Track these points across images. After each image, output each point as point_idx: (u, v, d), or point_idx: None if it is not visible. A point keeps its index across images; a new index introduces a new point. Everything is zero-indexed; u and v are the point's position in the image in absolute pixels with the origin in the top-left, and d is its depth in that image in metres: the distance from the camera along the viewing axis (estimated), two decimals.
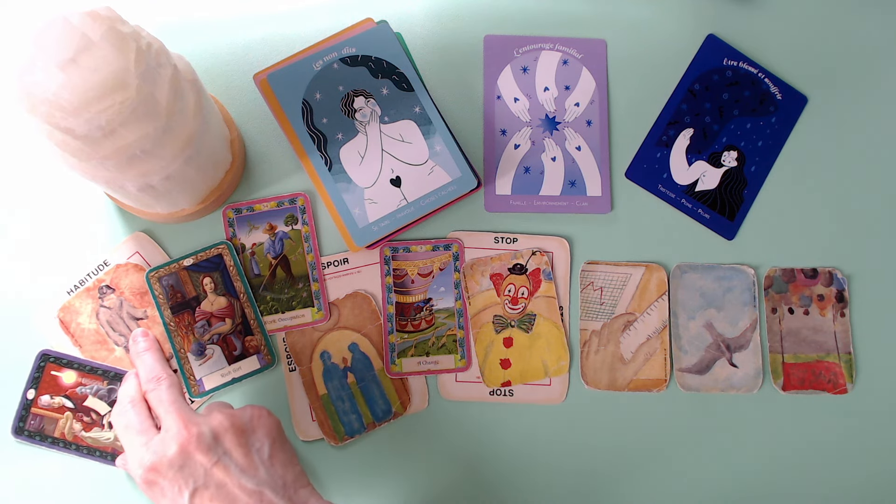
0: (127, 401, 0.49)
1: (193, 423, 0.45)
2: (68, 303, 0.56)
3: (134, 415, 0.48)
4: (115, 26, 0.41)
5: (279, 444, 0.47)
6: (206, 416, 0.46)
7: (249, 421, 0.47)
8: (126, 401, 0.49)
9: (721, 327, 0.60)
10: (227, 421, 0.46)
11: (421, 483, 0.57)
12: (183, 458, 0.44)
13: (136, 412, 0.48)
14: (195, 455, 0.44)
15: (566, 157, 0.61)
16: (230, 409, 0.47)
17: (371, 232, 0.57)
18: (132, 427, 0.47)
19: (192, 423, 0.45)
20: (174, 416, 0.46)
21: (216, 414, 0.46)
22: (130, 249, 0.57)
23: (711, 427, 0.59)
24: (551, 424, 0.58)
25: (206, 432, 0.45)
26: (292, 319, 0.57)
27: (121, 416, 0.48)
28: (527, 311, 0.59)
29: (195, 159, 0.49)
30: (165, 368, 0.51)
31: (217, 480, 0.44)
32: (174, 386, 0.49)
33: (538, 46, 0.62)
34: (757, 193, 0.62)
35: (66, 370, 0.55)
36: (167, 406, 0.47)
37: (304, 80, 0.57)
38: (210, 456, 0.44)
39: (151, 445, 0.45)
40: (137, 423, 0.47)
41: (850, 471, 0.59)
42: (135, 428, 0.47)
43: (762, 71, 0.63)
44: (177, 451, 0.44)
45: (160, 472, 0.44)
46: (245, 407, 0.48)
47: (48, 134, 0.42)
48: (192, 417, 0.46)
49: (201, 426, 0.45)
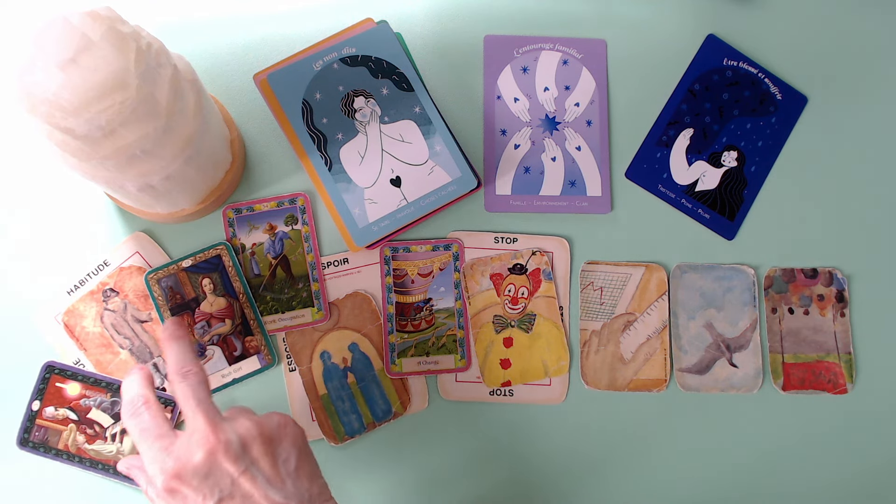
0: (141, 402, 0.45)
1: (221, 428, 0.42)
2: (72, 306, 0.56)
3: (150, 417, 0.44)
4: (115, 26, 0.41)
5: (305, 455, 0.45)
6: (232, 420, 0.44)
7: (276, 430, 0.44)
8: (139, 402, 0.45)
9: (721, 327, 0.60)
10: (255, 429, 0.43)
11: (421, 483, 0.57)
12: (209, 466, 0.41)
13: (151, 414, 0.44)
14: (222, 463, 0.41)
15: (566, 157, 0.61)
16: (256, 416, 0.45)
17: (371, 232, 0.57)
18: (149, 431, 0.43)
19: (220, 429, 0.42)
20: (202, 419, 0.43)
21: (243, 420, 0.43)
22: (130, 249, 0.57)
23: (712, 427, 0.59)
24: (551, 424, 0.58)
25: (233, 440, 0.42)
26: (292, 319, 0.57)
27: (135, 418, 0.44)
28: (527, 311, 0.59)
29: (195, 159, 0.49)
30: (196, 361, 0.47)
31: (243, 491, 0.41)
32: (203, 383, 0.45)
33: (538, 46, 0.62)
34: (757, 193, 0.62)
35: (70, 382, 0.55)
36: (194, 405, 0.44)
37: (304, 80, 0.57)
38: (238, 465, 0.41)
39: (174, 450, 0.42)
40: (155, 427, 0.44)
41: (851, 471, 0.59)
42: (152, 432, 0.43)
43: (762, 71, 0.63)
44: (203, 458, 0.41)
45: (184, 480, 0.41)
46: (271, 414, 0.45)
47: (48, 134, 0.42)
48: (220, 421, 0.43)
49: (229, 432, 0.42)
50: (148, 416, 0.44)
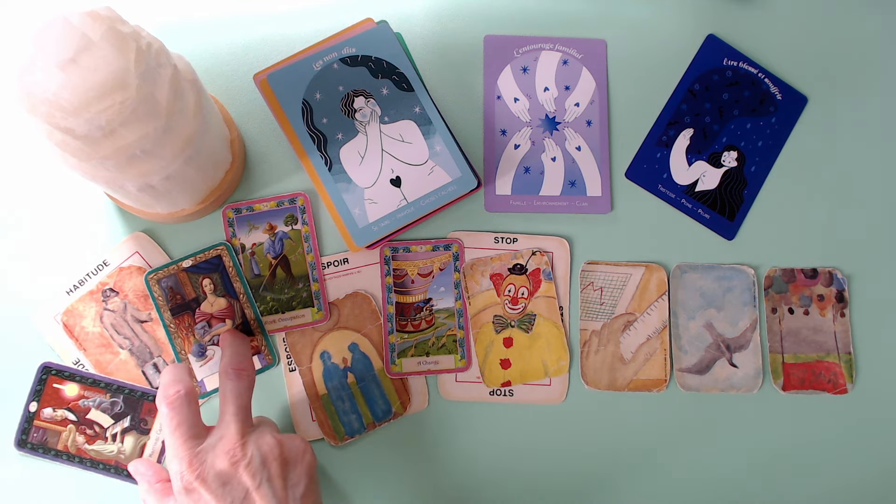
0: (183, 391, 0.47)
1: (248, 441, 0.45)
2: (72, 306, 0.56)
3: (189, 414, 0.46)
4: (115, 26, 0.41)
5: (313, 484, 0.47)
6: (258, 433, 0.46)
7: (295, 454, 0.47)
8: (181, 390, 0.47)
9: (721, 327, 0.60)
10: (276, 449, 0.46)
11: (421, 483, 0.57)
12: (230, 475, 0.44)
13: (191, 411, 0.46)
14: (242, 475, 0.44)
15: (566, 157, 0.61)
16: (280, 434, 0.47)
17: (371, 232, 0.57)
18: (184, 426, 0.45)
19: (247, 442, 0.45)
20: (234, 428, 0.46)
21: (268, 437, 0.46)
22: (130, 249, 0.57)
23: (711, 427, 0.59)
24: (551, 424, 0.58)
25: (256, 456, 0.45)
26: (292, 319, 0.57)
27: (173, 409, 0.46)
28: (527, 311, 0.59)
29: (195, 159, 0.49)
30: (252, 365, 0.50)
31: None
32: (251, 388, 0.48)
33: (538, 46, 0.62)
34: (757, 193, 0.62)
35: (68, 383, 0.55)
36: (234, 410, 0.47)
37: (304, 80, 0.57)
38: (254, 480, 0.44)
39: (202, 454, 0.45)
40: (192, 426, 0.46)
41: (851, 471, 0.59)
42: (188, 430, 0.46)
43: (762, 71, 0.63)
44: (227, 467, 0.44)
45: (205, 483, 0.44)
46: (293, 437, 0.48)
47: (48, 134, 0.42)
48: (249, 433, 0.46)
49: (253, 448, 0.45)
50: (188, 411, 0.46)
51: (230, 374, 0.48)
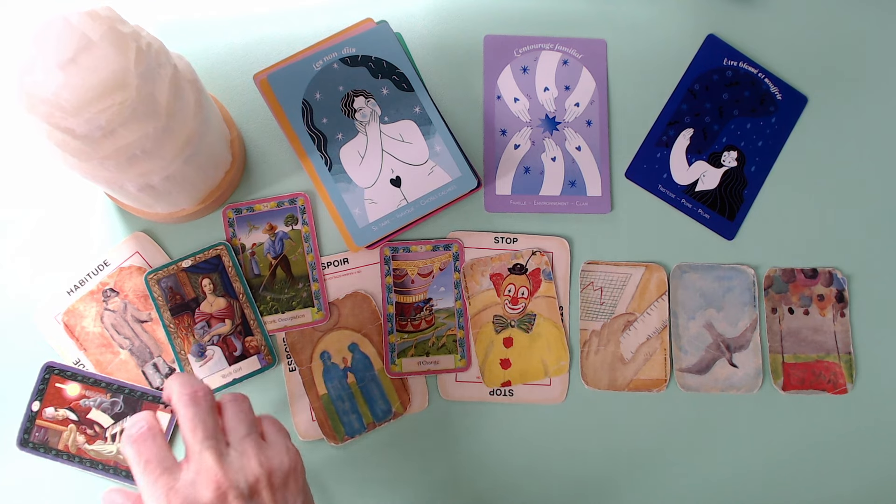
0: (145, 427, 0.43)
1: (230, 467, 0.41)
2: (72, 306, 0.56)
3: (155, 447, 0.42)
4: (115, 26, 0.41)
5: (305, 496, 0.44)
6: (239, 459, 0.42)
7: (283, 475, 0.43)
8: (143, 426, 0.43)
9: (721, 327, 0.60)
10: (262, 472, 0.42)
11: (421, 483, 0.57)
12: None
13: (157, 444, 0.42)
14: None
15: (566, 157, 0.61)
16: (264, 452, 0.43)
17: (371, 232, 0.57)
18: (153, 463, 0.41)
19: (229, 469, 0.41)
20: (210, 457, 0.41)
21: (254, 463, 0.42)
22: (130, 249, 0.57)
23: (711, 427, 0.59)
24: (551, 424, 0.58)
25: (242, 483, 0.41)
26: (292, 319, 0.57)
27: (137, 445, 0.42)
28: (527, 311, 0.59)
29: (195, 159, 0.49)
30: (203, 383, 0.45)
31: None
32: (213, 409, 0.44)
33: (538, 46, 0.62)
34: (757, 193, 0.62)
35: (70, 382, 0.55)
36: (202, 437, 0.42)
37: (304, 80, 0.57)
38: None
39: (180, 489, 0.40)
40: (161, 459, 0.41)
41: (851, 471, 0.59)
42: (157, 464, 0.41)
43: (762, 71, 0.63)
44: (212, 499, 0.40)
45: None
46: (277, 451, 0.44)
47: (48, 134, 0.42)
48: (227, 458, 0.42)
49: (237, 474, 0.41)
50: (153, 445, 0.42)
51: (185, 402, 0.43)
